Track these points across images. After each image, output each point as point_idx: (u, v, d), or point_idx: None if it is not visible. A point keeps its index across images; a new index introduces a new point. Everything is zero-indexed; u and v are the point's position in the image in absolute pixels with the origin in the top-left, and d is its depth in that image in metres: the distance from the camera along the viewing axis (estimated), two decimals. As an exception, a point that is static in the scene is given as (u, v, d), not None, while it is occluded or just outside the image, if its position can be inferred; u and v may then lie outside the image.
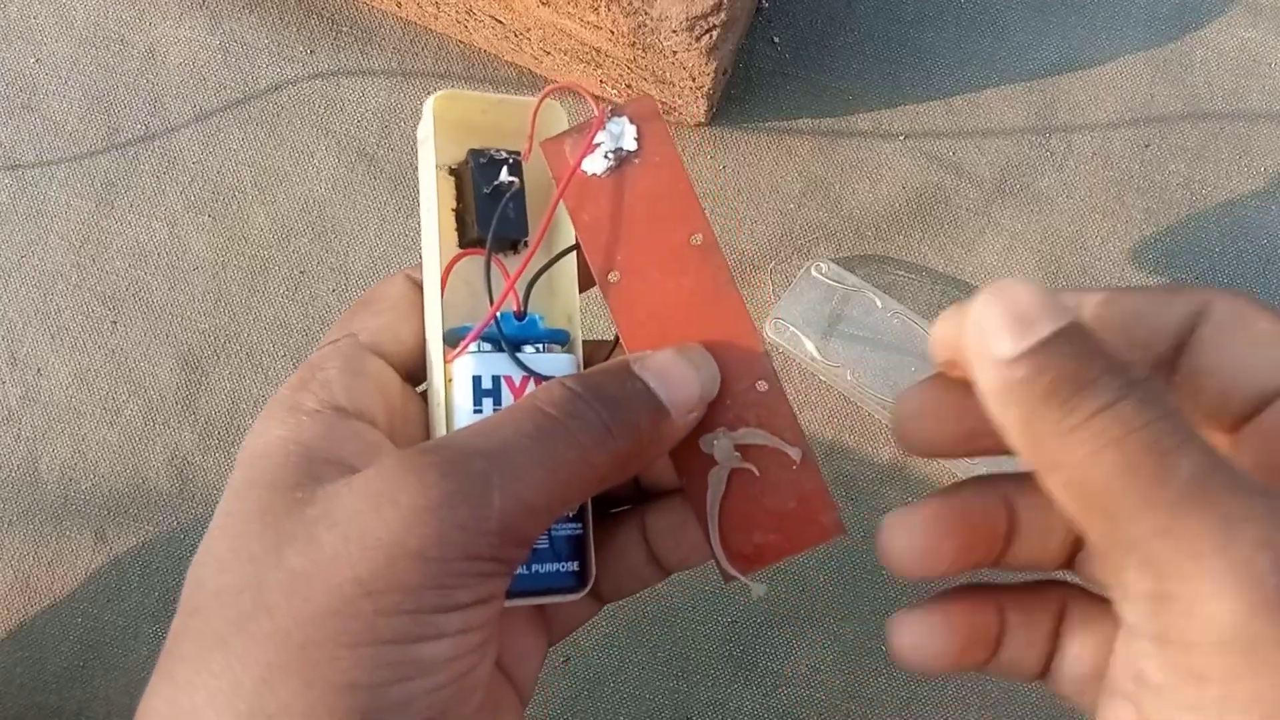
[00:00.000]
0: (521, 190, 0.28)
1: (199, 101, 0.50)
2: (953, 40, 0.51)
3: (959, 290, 0.49)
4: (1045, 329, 0.19)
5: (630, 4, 0.41)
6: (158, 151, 0.50)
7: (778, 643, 0.47)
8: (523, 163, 0.28)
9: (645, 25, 0.42)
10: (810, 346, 0.47)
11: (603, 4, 0.41)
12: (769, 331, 0.47)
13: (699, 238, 0.27)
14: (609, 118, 0.27)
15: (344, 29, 0.51)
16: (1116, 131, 0.50)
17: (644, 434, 0.24)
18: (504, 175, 0.27)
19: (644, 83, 0.46)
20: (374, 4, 0.50)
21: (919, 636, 0.23)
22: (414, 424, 0.26)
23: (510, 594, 0.24)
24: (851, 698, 0.46)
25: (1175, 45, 0.51)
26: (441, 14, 0.48)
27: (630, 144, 0.27)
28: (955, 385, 0.22)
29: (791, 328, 0.47)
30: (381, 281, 0.28)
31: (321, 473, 0.22)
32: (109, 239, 0.49)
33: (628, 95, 0.48)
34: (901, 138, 0.50)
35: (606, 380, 0.24)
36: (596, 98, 0.27)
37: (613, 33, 0.43)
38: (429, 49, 0.51)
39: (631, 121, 0.27)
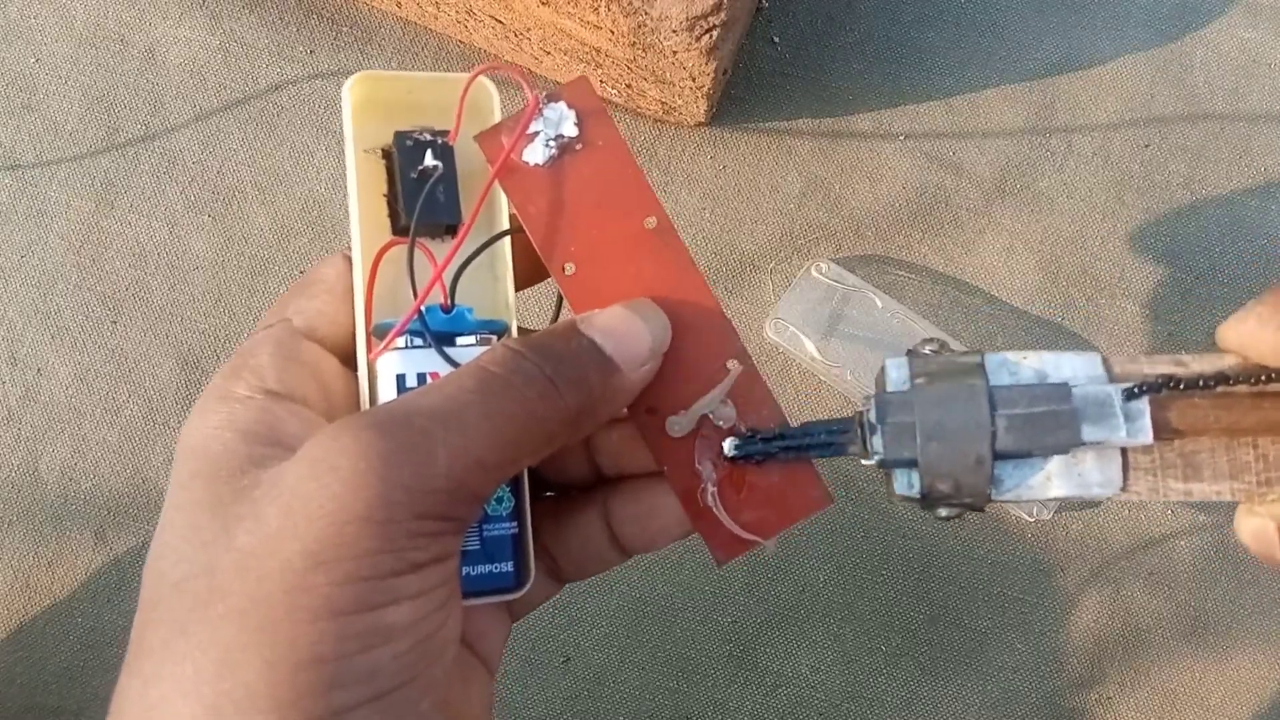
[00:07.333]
0: (451, 173, 0.26)
1: (199, 101, 0.50)
2: (953, 40, 0.51)
3: (959, 290, 0.49)
4: None
5: (630, 4, 0.41)
6: (158, 151, 0.50)
7: (778, 643, 0.47)
8: (451, 144, 0.26)
9: (645, 25, 0.42)
10: (810, 346, 0.47)
11: (603, 4, 0.41)
12: (769, 331, 0.47)
13: (653, 221, 0.26)
14: (544, 104, 0.26)
15: (344, 29, 0.51)
16: (1116, 131, 0.50)
17: (594, 389, 0.24)
18: (429, 159, 0.26)
19: (644, 82, 0.46)
20: (374, 4, 0.50)
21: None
22: (352, 407, 0.26)
23: None
24: (852, 698, 0.46)
25: (1175, 45, 0.51)
26: (441, 14, 0.48)
27: (571, 130, 0.26)
28: None
29: (791, 328, 0.47)
30: (319, 262, 0.26)
31: (262, 455, 0.22)
32: (109, 239, 0.49)
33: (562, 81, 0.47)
34: (901, 138, 0.50)
35: (551, 339, 0.24)
36: (531, 83, 0.25)
37: (613, 33, 0.43)
38: (429, 49, 0.51)
39: (570, 106, 0.26)
